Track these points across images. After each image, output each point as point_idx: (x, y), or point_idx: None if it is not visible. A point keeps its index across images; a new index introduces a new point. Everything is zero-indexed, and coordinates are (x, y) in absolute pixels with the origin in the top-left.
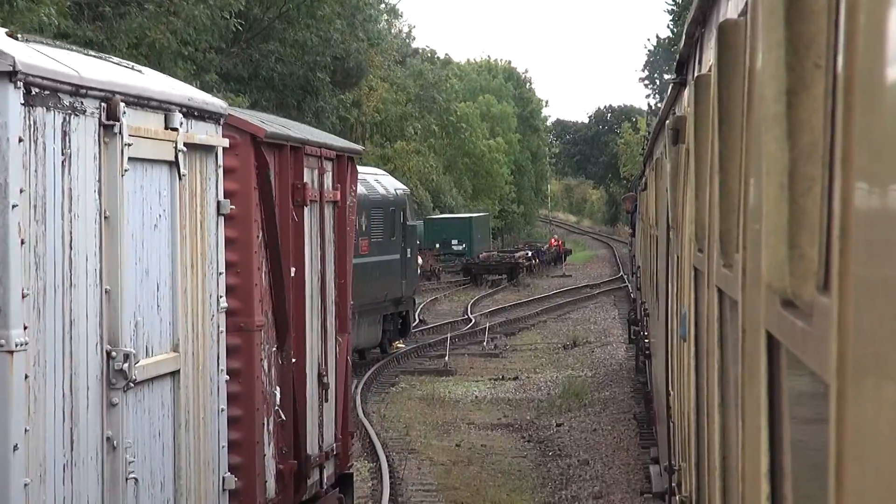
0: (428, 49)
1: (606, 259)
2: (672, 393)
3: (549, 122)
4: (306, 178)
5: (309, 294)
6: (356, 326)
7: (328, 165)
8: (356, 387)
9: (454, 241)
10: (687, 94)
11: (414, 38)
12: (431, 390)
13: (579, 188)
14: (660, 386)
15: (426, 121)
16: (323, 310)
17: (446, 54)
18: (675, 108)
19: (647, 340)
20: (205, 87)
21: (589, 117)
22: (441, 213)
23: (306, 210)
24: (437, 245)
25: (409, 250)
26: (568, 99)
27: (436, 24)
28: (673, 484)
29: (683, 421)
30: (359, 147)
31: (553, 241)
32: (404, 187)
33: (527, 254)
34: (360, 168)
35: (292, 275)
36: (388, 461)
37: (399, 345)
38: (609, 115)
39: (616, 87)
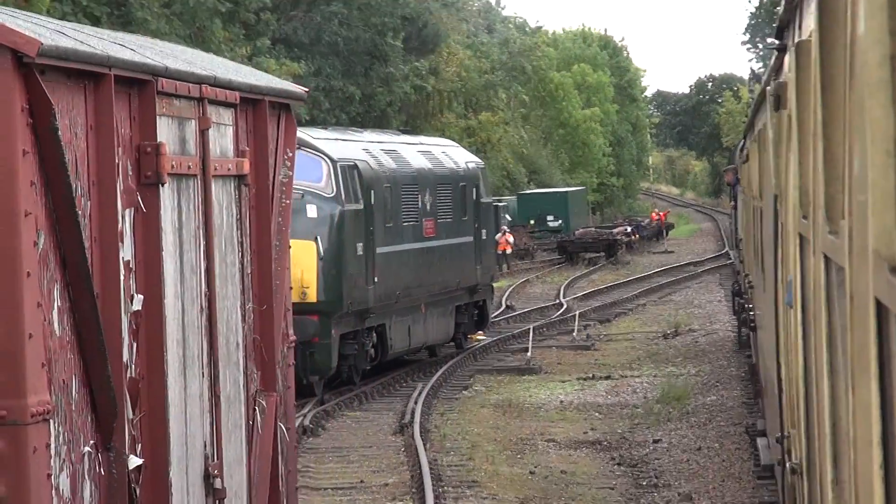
0: (517, 17)
1: (711, 233)
2: (781, 365)
3: (648, 93)
4: (165, 136)
5: (176, 338)
6: (423, 320)
7: (225, 115)
8: (420, 393)
9: (549, 217)
10: (788, 59)
11: (504, 7)
12: (509, 394)
13: (681, 160)
14: (767, 357)
15: (514, 90)
16: (212, 360)
17: (538, 22)
18: (776, 74)
19: (752, 313)
20: (257, 53)
21: (690, 87)
22: (536, 187)
23: (165, 191)
24: (532, 221)
25: (483, 231)
26: (668, 69)
27: None
28: (784, 452)
29: (792, 389)
30: (297, 89)
31: (654, 214)
32: (477, 160)
33: (626, 229)
34: (425, 139)
35: (135, 307)
36: (436, 502)
37: (479, 337)
38: (710, 84)
39: (718, 55)
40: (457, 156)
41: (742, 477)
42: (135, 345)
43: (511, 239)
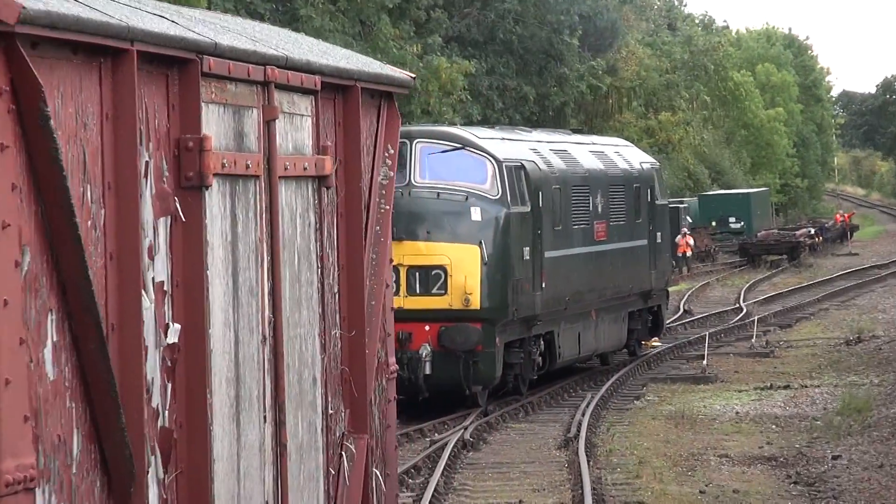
0: (705, 15)
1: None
2: None
3: (833, 93)
4: (214, 129)
5: (226, 376)
6: (594, 326)
7: (301, 104)
8: (588, 404)
9: (731, 219)
10: None
11: (686, 5)
12: (683, 405)
13: (867, 160)
14: None
15: (696, 90)
16: (277, 401)
17: (724, 21)
18: None
19: None
20: (428, 51)
21: (876, 86)
22: (718, 188)
23: (213, 195)
24: (713, 223)
25: (659, 234)
26: (854, 68)
27: None
28: None
29: None
30: (402, 74)
31: (838, 216)
32: (652, 160)
33: (809, 231)
34: (597, 138)
35: (170, 340)
36: None
37: (654, 343)
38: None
39: None
40: (631, 156)
41: None
42: (169, 386)
43: (691, 241)
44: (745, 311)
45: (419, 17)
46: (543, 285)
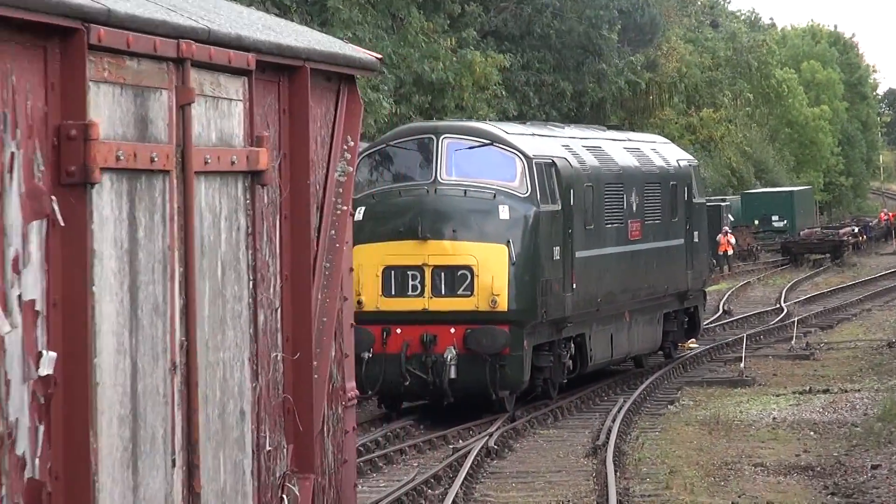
0: (751, 12)
1: None
2: None
3: (879, 91)
4: (106, 113)
5: (118, 413)
6: (627, 328)
7: (229, 86)
8: (620, 409)
9: (774, 217)
10: None
11: (729, 2)
12: (718, 410)
13: None
14: None
15: (739, 87)
16: (190, 441)
17: (771, 18)
18: None
19: None
20: (463, 45)
21: None
22: (762, 186)
23: (103, 194)
24: (756, 222)
25: (695, 233)
26: None
27: None
28: None
29: None
30: (364, 55)
31: (882, 214)
32: (690, 158)
33: (853, 230)
34: (633, 135)
35: (42, 371)
36: None
37: (691, 345)
38: None
39: None
40: (667, 153)
41: None
42: (41, 428)
43: (733, 240)
44: (785, 311)
45: (453, 11)
46: (574, 286)
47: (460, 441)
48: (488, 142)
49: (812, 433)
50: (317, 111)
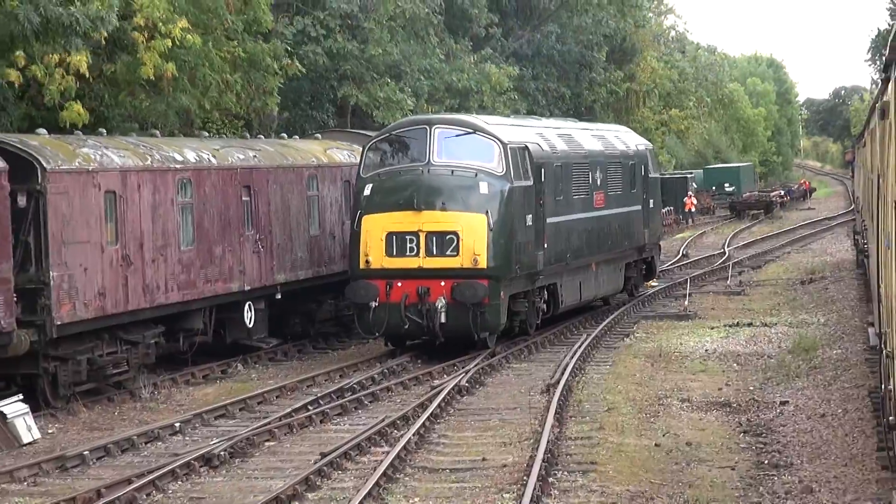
0: (708, 45)
1: (842, 194)
2: (881, 284)
3: (800, 98)
4: None
5: None
6: (594, 277)
7: None
8: (580, 345)
9: (726, 185)
10: (891, 87)
11: (691, 33)
12: (663, 342)
13: (823, 143)
14: (872, 277)
15: (700, 94)
16: None
17: (721, 49)
18: (882, 95)
19: (865, 246)
20: (482, 60)
21: (829, 94)
22: (717, 163)
23: None
24: (713, 188)
25: (651, 201)
26: (814, 81)
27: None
28: (881, 343)
29: (888, 300)
30: None
31: (801, 181)
32: (647, 143)
33: (780, 192)
34: (601, 125)
35: None
36: (534, 494)
37: (652, 284)
38: (843, 91)
39: (848, 67)
40: (627, 139)
41: (865, 461)
42: None
43: (695, 201)
44: (726, 254)
45: (479, 33)
46: (546, 246)
47: (445, 376)
48: (471, 130)
49: (735, 365)
50: None
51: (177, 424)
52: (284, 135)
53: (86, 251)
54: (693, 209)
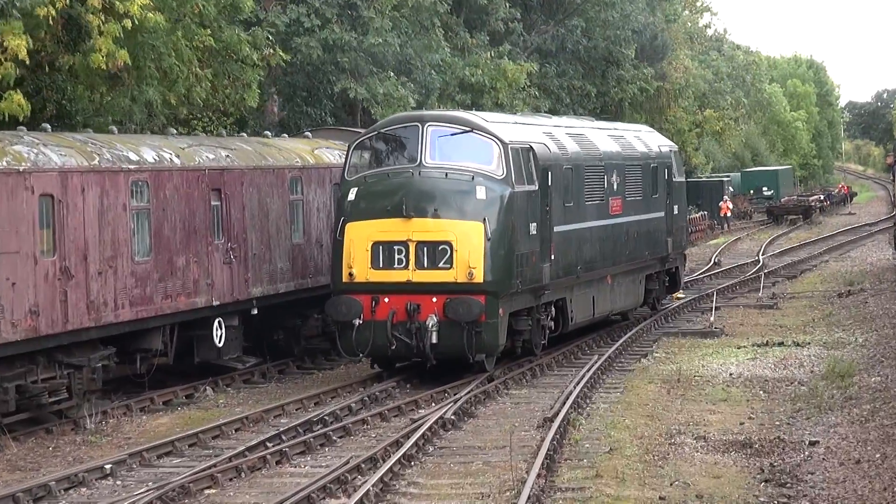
0: (744, 46)
1: (884, 199)
2: None
3: (841, 102)
4: None
5: None
6: (610, 290)
7: None
8: (589, 369)
9: (764, 188)
10: None
11: (730, 34)
12: (684, 363)
13: (865, 147)
14: None
15: (736, 95)
16: None
17: (757, 49)
18: None
19: None
20: (499, 56)
21: (871, 97)
22: (756, 166)
23: None
24: (751, 191)
25: (675, 207)
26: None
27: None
28: None
29: None
30: None
31: (840, 185)
32: (671, 144)
33: (819, 197)
34: (621, 125)
35: None
36: None
37: (678, 296)
38: (885, 94)
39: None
40: (650, 139)
41: None
42: None
43: (731, 205)
44: (761, 262)
45: (497, 28)
46: (552, 257)
47: (433, 405)
48: (468, 129)
49: (762, 393)
50: None
51: (107, 466)
52: (269, 133)
53: (15, 263)
54: (729, 214)
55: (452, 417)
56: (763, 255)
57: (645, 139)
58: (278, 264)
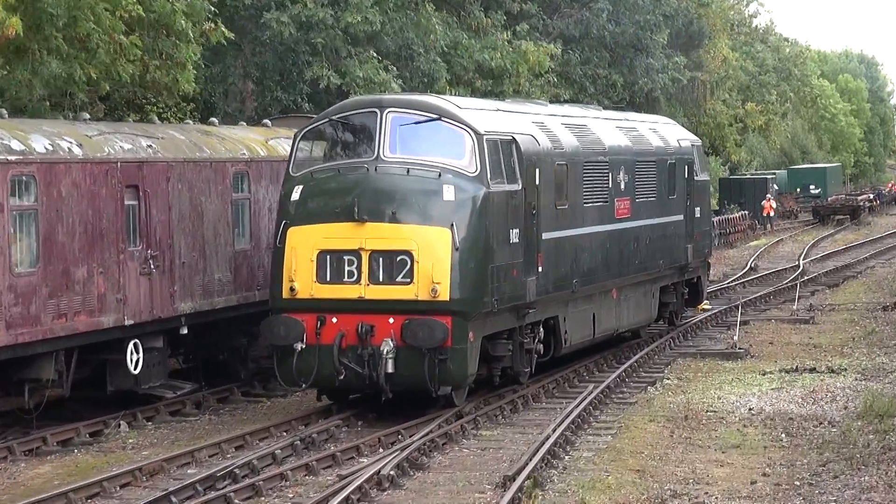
0: (792, 39)
1: None
2: None
3: (894, 96)
4: None
5: None
6: (615, 305)
7: None
8: (582, 401)
9: (811, 186)
10: None
11: (776, 25)
12: (696, 394)
13: None
14: None
15: (782, 89)
16: None
17: (806, 42)
18: None
19: None
20: (517, 37)
21: None
22: (805, 164)
23: None
24: (798, 189)
25: (697, 209)
26: None
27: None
28: None
29: None
30: None
31: (890, 184)
32: (694, 138)
33: (869, 196)
34: (633, 115)
35: None
36: None
37: (705, 306)
38: None
39: None
40: (667, 133)
41: None
42: None
43: (774, 204)
44: (801, 268)
45: (513, 9)
46: (540, 269)
47: (380, 450)
48: (436, 116)
49: (784, 436)
50: None
51: None
52: (215, 120)
53: None
54: (772, 213)
55: (391, 473)
56: (804, 259)
57: (662, 132)
58: (216, 275)
